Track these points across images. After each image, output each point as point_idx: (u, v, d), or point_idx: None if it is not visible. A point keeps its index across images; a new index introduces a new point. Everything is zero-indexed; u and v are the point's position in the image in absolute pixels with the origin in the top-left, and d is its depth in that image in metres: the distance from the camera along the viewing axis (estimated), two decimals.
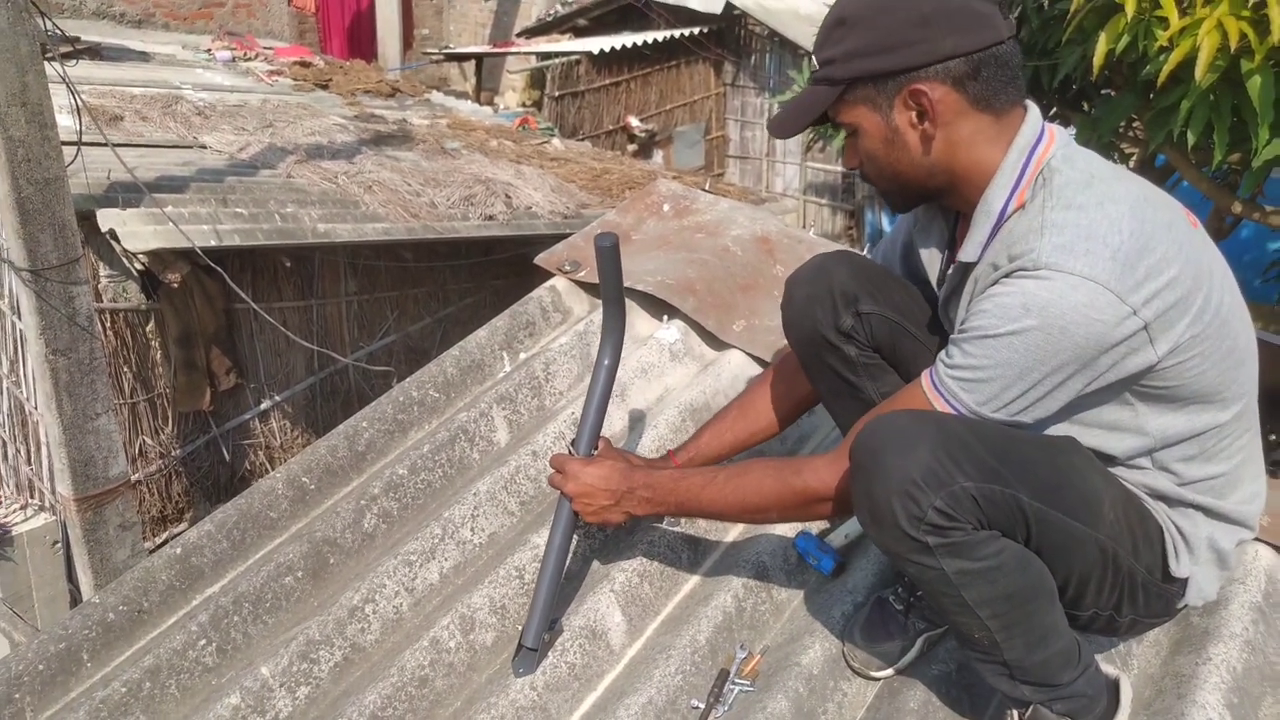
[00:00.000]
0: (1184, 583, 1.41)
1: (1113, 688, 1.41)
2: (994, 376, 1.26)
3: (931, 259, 1.53)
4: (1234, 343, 1.31)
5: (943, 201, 1.44)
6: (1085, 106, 4.10)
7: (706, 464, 1.73)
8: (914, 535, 1.23)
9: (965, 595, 1.26)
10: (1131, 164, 4.39)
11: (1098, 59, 3.03)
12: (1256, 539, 1.68)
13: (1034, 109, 1.35)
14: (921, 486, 1.21)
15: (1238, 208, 3.85)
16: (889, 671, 1.56)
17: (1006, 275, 1.25)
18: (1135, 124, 4.14)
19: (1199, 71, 2.75)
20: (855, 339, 1.59)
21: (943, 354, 1.33)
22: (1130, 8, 2.88)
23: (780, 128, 1.44)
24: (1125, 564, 1.34)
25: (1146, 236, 1.22)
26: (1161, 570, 1.39)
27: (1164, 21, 2.86)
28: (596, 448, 1.68)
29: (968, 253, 1.35)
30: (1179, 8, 2.83)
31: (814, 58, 1.41)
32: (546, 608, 1.57)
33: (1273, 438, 2.91)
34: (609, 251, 1.61)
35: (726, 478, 1.49)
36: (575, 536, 1.69)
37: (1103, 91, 3.99)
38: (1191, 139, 3.03)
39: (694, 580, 1.78)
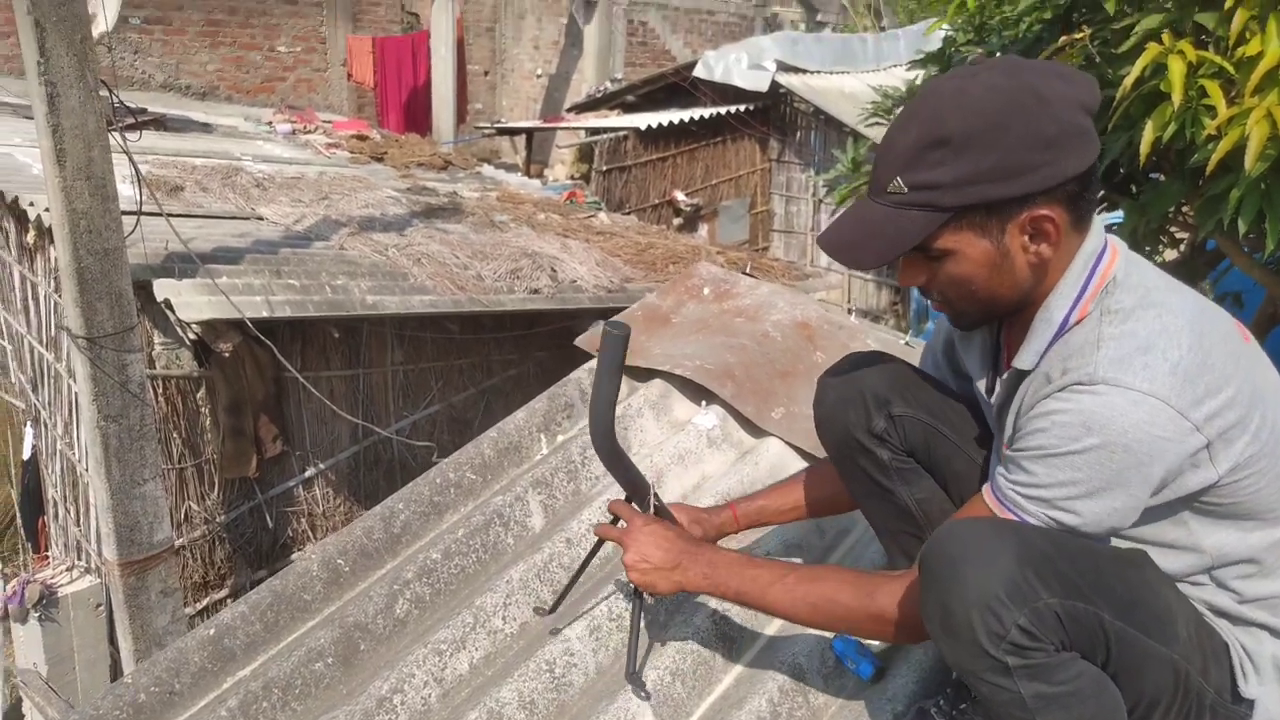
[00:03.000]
0: (1251, 704, 1.34)
1: None
2: (1058, 496, 1.22)
3: (978, 367, 1.48)
4: None
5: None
6: (1133, 190, 4.06)
7: (768, 523, 1.75)
8: (993, 654, 1.16)
9: None
10: (1181, 249, 4.33)
11: (1144, 146, 3.01)
12: None
13: (1097, 218, 1.30)
14: (1005, 602, 1.15)
15: None
16: None
17: (1060, 389, 1.22)
18: (1185, 208, 4.09)
19: (1249, 161, 2.71)
20: (888, 442, 1.56)
21: (1000, 469, 1.29)
22: (1177, 96, 2.86)
23: (857, 256, 1.28)
24: (1195, 684, 1.28)
25: (1205, 351, 1.19)
26: (1230, 691, 1.32)
27: (1212, 110, 2.84)
28: (647, 503, 1.61)
29: (1024, 360, 1.31)
30: (1227, 96, 2.81)
31: (899, 179, 1.24)
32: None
33: None
34: (617, 340, 1.47)
35: (797, 580, 1.43)
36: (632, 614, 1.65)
37: (1150, 176, 3.96)
38: (1243, 227, 2.98)
39: (728, 680, 1.74)
